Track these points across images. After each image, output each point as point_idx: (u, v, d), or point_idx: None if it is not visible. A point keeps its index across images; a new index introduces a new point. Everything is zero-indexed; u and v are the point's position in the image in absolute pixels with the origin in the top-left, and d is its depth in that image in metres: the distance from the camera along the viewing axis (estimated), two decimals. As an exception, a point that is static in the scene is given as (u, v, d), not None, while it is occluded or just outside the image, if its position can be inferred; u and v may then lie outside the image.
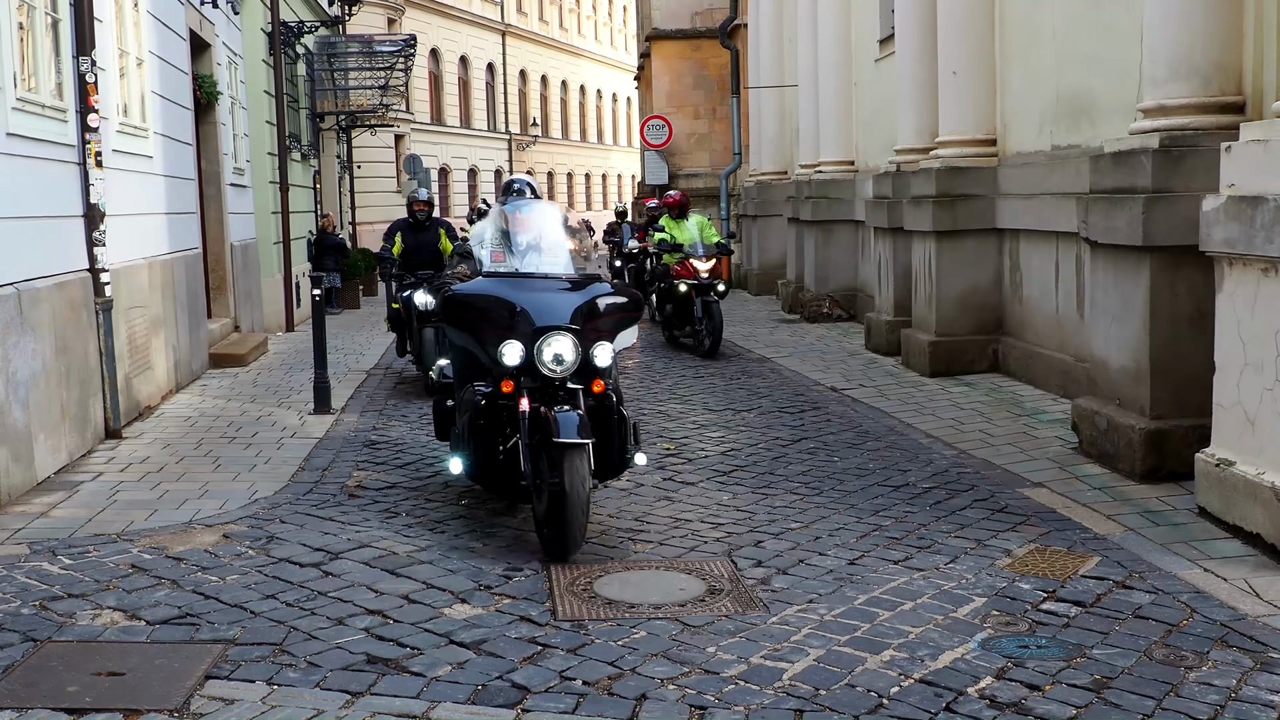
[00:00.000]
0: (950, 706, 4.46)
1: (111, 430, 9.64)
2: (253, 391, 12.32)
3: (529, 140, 53.79)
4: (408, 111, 38.53)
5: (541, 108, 56.43)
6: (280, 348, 16.32)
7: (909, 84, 13.81)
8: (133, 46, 11.37)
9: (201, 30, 14.59)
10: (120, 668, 4.90)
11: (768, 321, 18.59)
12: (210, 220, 15.20)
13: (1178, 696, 4.51)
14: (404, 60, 25.12)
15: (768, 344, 15.66)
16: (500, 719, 4.44)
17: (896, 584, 5.87)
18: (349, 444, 9.55)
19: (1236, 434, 6.42)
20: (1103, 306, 8.24)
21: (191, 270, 13.36)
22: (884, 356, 13.79)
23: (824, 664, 4.88)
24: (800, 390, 11.90)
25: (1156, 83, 7.84)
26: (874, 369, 12.99)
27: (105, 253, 9.58)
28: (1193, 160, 7.40)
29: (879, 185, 14.69)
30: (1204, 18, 7.53)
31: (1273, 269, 6.08)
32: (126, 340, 10.37)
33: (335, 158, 28.46)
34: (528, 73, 55.04)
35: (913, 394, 11.33)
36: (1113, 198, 7.91)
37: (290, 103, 20.79)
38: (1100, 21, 9.83)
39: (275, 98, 19.14)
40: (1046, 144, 11.07)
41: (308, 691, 4.67)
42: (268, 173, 18.88)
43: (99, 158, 9.50)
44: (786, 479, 8.18)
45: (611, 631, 5.29)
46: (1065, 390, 10.24)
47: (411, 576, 6.06)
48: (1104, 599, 5.59)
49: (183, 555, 6.46)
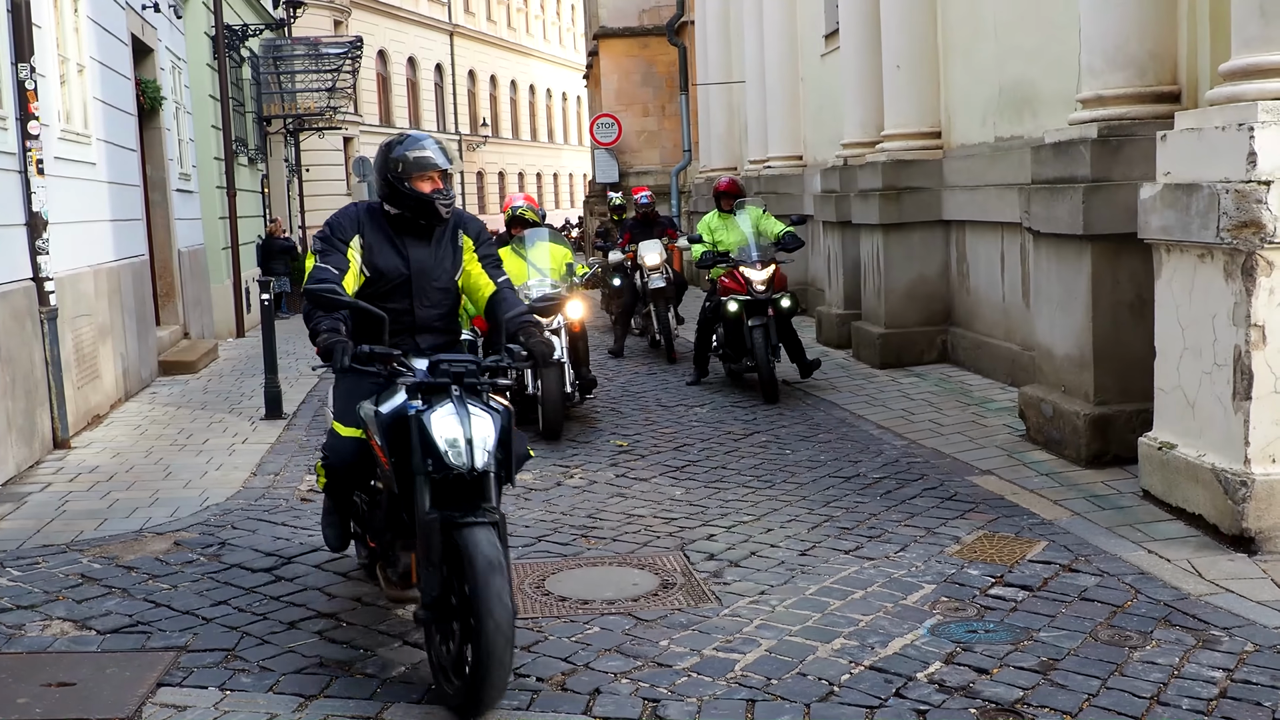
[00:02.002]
0: (900, 692, 4.52)
1: (60, 440, 9.55)
2: (203, 398, 12.24)
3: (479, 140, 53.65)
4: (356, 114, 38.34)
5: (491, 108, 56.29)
6: (231, 354, 16.22)
7: (854, 78, 13.89)
8: (73, 52, 11.27)
9: (144, 35, 14.47)
10: (71, 678, 4.87)
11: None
12: (157, 227, 15.08)
13: (1122, 676, 4.59)
14: (351, 62, 24.99)
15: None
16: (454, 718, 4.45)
17: (847, 573, 5.93)
18: (301, 449, 9.52)
19: (1177, 417, 6.52)
20: (1046, 295, 8.33)
21: (138, 277, 13.26)
22: (835, 349, 13.87)
23: (775, 654, 4.93)
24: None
25: (1094, 73, 7.94)
26: (825, 361, 13.05)
27: (49, 261, 9.49)
28: (1130, 149, 7.50)
29: (827, 179, 14.78)
30: (1138, 8, 7.63)
31: (1208, 255, 6.17)
32: (73, 349, 10.29)
33: (283, 161, 28.28)
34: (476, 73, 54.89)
35: (863, 386, 11.42)
36: (1054, 188, 8.01)
37: (236, 107, 20.64)
38: (1040, 14, 9.94)
39: (221, 102, 18.99)
40: (990, 136, 11.18)
41: (261, 696, 4.67)
42: (214, 178, 18.73)
43: (40, 165, 9.42)
44: (739, 473, 8.23)
45: (565, 628, 5.32)
46: (1013, 378, 10.35)
47: (363, 579, 6.05)
48: (1050, 582, 5.68)
49: (133, 564, 6.42)
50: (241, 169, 20.61)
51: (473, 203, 51.72)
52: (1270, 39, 6.04)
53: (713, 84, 23.45)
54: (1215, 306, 6.14)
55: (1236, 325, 5.97)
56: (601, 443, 9.43)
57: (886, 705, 4.42)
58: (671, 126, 29.92)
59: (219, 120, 18.96)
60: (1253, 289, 5.87)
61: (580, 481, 8.12)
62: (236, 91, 20.99)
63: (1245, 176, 5.88)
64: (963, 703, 4.41)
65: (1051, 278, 8.22)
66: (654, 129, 30.91)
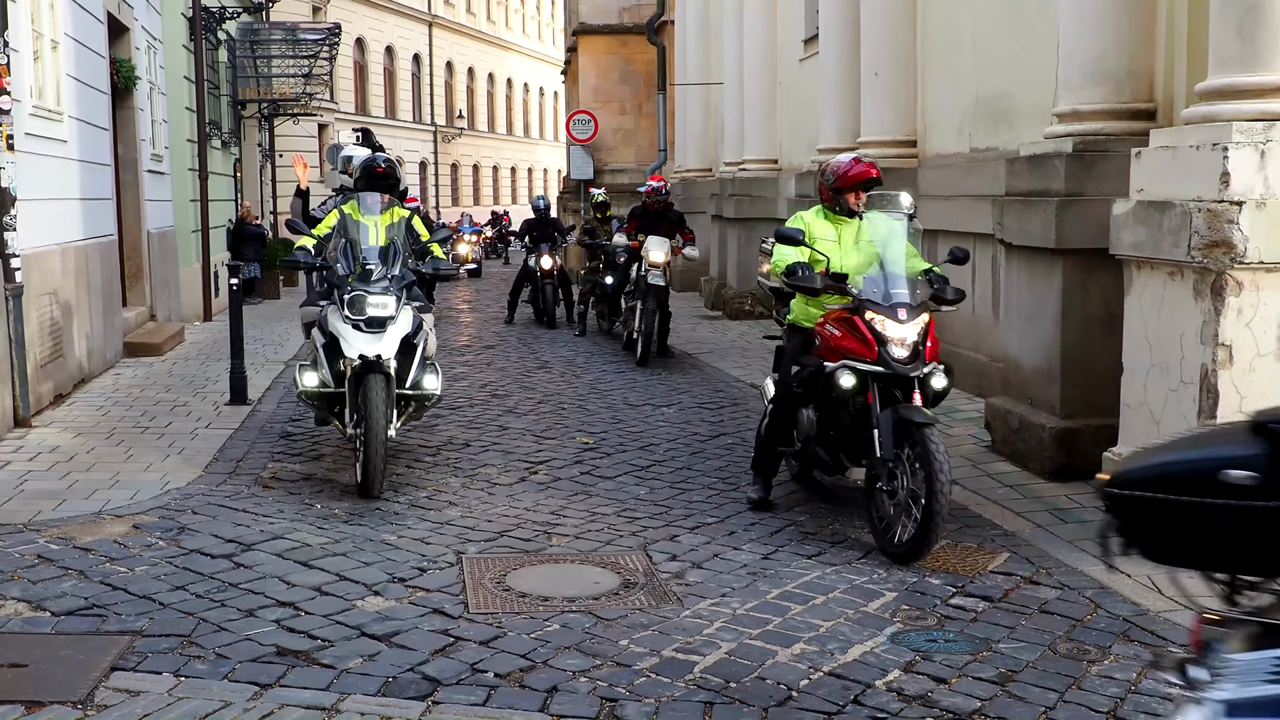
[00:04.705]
0: (858, 699, 4.52)
1: (20, 419, 9.45)
2: (168, 381, 12.14)
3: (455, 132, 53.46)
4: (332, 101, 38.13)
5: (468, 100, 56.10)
6: (197, 337, 16.09)
7: (832, 84, 13.92)
8: (48, 28, 11.15)
9: (120, 13, 14.34)
10: (23, 659, 4.82)
11: (690, 318, 18.64)
12: (127, 207, 14.94)
13: (1080, 690, 4.61)
14: (328, 49, 24.87)
15: (689, 340, 15.72)
16: (410, 711, 4.42)
17: (809, 578, 5.93)
18: (264, 435, 9.45)
19: (1143, 433, 6.55)
20: (1016, 307, 8.37)
21: (106, 257, 13.14)
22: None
23: (735, 657, 4.92)
24: (720, 386, 11.96)
25: (1071, 88, 7.98)
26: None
27: (15, 238, 9.39)
28: (1105, 165, 7.54)
29: (802, 184, 14.80)
30: (1117, 25, 7.67)
31: (1179, 273, 6.21)
32: (37, 327, 10.18)
33: (257, 146, 28.09)
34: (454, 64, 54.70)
35: (831, 391, 11.41)
36: (1027, 200, 8.04)
37: (211, 89, 20.49)
38: (1019, 26, 9.97)
39: (196, 84, 18.85)
40: (965, 146, 11.22)
41: (215, 684, 4.62)
42: (187, 160, 18.60)
43: (10, 141, 9.32)
44: (704, 474, 8.22)
45: (525, 624, 5.29)
46: (980, 389, 10.38)
47: (324, 569, 6.02)
48: (1011, 594, 5.69)
49: (91, 546, 6.35)
50: (214, 152, 20.46)
51: (447, 195, 51.57)
52: (1246, 60, 6.08)
53: (691, 84, 23.46)
54: (1184, 324, 6.17)
55: (1204, 344, 6.00)
56: (567, 440, 9.41)
57: (844, 712, 4.42)
58: (648, 125, 29.89)
59: (193, 102, 18.81)
60: (1221, 308, 5.90)
61: (544, 478, 8.10)
62: (212, 74, 20.84)
63: (1218, 196, 5.91)
64: (920, 711, 4.42)
65: (1022, 290, 8.25)
66: (630, 127, 30.87)
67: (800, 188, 14.79)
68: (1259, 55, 6.04)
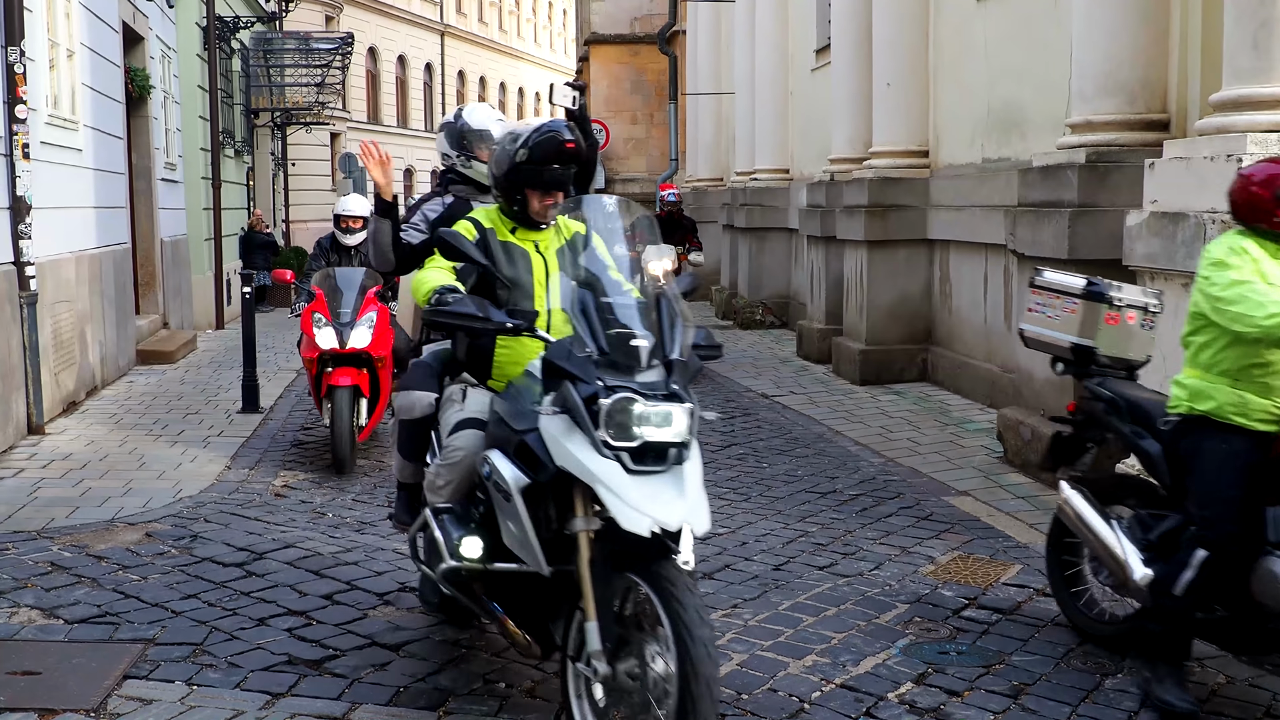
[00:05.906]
0: (870, 711, 4.51)
1: (34, 426, 9.48)
2: (180, 389, 12.17)
3: (467, 141, 53.48)
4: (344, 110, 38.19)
5: (480, 109, 56.14)
6: (209, 345, 16.14)
7: (844, 94, 13.92)
8: (63, 38, 11.21)
9: (135, 23, 14.41)
10: (37, 667, 4.83)
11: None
12: (140, 215, 15.00)
13: (1093, 704, 4.59)
14: (341, 58, 24.95)
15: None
16: (423, 721, 4.43)
17: (821, 590, 5.92)
18: (276, 443, 9.47)
19: (1155, 445, 6.52)
20: (1029, 318, 8.34)
21: (120, 265, 13.18)
22: (815, 364, 13.87)
23: (747, 668, 4.91)
24: (731, 396, 11.95)
25: (1084, 98, 7.97)
26: (805, 376, 13.07)
27: (31, 246, 9.43)
28: (1118, 176, 7.53)
29: (813, 194, 14.80)
30: (1131, 35, 7.66)
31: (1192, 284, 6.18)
32: (51, 335, 10.21)
33: (269, 155, 28.19)
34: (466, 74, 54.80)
35: (842, 401, 11.42)
36: (1040, 211, 8.03)
37: (224, 98, 20.57)
38: (1031, 37, 9.97)
39: (209, 93, 18.93)
40: (977, 156, 11.21)
41: (227, 692, 4.63)
42: (200, 168, 18.67)
43: (26, 149, 9.36)
44: (715, 484, 8.21)
45: (536, 634, 5.28)
46: (992, 400, 10.37)
47: (335, 578, 6.02)
48: (1024, 606, 5.68)
49: (104, 554, 6.37)
50: (227, 161, 20.54)
51: (458, 203, 51.53)
52: (1261, 71, 6.07)
53: (702, 94, 23.47)
54: (1197, 336, 6.14)
55: (1217, 356, 5.96)
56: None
57: (857, 724, 4.41)
58: (659, 135, 29.91)
59: (207, 111, 18.89)
60: (1235, 320, 5.87)
61: (557, 487, 8.09)
62: (225, 83, 20.92)
63: (1231, 208, 5.89)
64: (933, 724, 4.41)
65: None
66: (641, 136, 30.90)
67: (811, 197, 14.79)
68: (1274, 67, 6.04)
